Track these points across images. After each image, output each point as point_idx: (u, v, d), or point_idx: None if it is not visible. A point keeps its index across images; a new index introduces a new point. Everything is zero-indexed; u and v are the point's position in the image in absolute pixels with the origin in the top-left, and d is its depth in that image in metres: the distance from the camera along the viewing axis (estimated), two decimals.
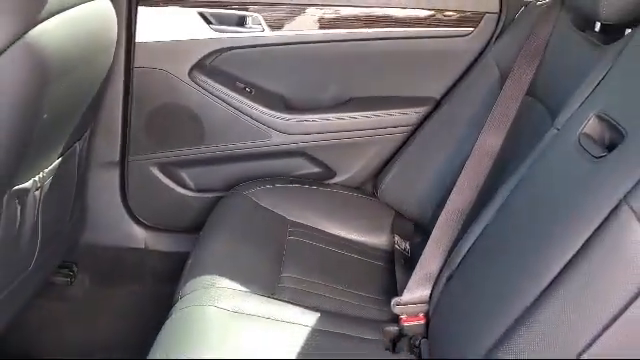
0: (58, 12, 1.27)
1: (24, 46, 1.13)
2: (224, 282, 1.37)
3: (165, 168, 1.97)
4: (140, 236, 2.01)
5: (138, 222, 2.00)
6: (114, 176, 1.94)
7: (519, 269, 0.99)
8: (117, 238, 2.00)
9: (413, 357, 1.24)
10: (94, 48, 1.52)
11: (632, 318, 0.80)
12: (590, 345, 0.82)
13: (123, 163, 1.94)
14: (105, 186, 1.95)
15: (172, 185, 1.98)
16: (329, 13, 1.88)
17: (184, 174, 1.99)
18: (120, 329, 1.78)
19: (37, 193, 1.43)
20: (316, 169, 1.98)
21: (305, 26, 1.88)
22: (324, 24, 1.89)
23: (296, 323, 1.28)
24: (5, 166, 1.21)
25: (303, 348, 1.21)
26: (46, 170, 1.45)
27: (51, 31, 1.22)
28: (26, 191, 1.36)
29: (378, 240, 1.72)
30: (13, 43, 1.12)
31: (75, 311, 1.89)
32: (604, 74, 1.11)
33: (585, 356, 0.82)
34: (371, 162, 1.95)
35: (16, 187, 1.31)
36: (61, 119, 1.43)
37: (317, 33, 1.88)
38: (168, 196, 1.99)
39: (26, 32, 1.14)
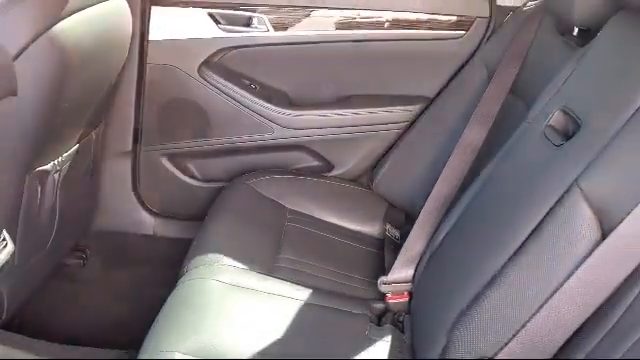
0: (78, 10, 1.39)
1: (48, 41, 1.25)
2: (225, 260, 1.48)
3: (173, 159, 2.08)
4: (149, 223, 2.13)
5: (147, 209, 2.11)
6: (126, 165, 2.05)
7: (487, 245, 1.10)
8: (127, 224, 2.12)
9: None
10: (110, 44, 1.64)
11: (577, 280, 0.90)
12: (546, 301, 0.93)
13: (134, 153, 2.05)
14: (117, 174, 2.06)
15: (180, 175, 2.09)
16: (330, 16, 1.98)
17: (191, 165, 2.10)
18: (129, 309, 1.85)
19: (56, 176, 1.55)
20: (315, 162, 2.08)
21: (307, 27, 1.98)
22: (325, 26, 1.99)
23: (290, 297, 1.39)
24: (29, 149, 1.32)
25: (295, 319, 1.32)
26: (64, 155, 1.56)
27: (72, 28, 1.34)
28: (46, 173, 1.48)
29: (370, 228, 1.82)
30: (38, 38, 1.23)
31: (87, 292, 1.98)
32: (570, 73, 1.22)
33: (543, 311, 0.92)
34: (367, 156, 2.05)
35: (38, 169, 1.43)
36: (79, 109, 1.55)
37: (318, 34, 1.98)
38: (176, 185, 2.09)
39: (50, 28, 1.26)
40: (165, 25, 1.92)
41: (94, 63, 1.52)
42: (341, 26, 1.99)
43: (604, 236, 0.90)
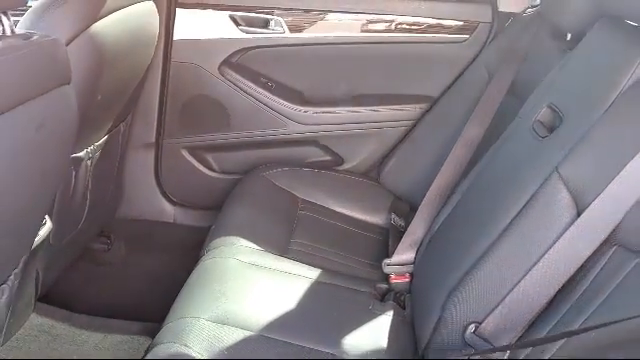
0: (114, 11, 1.52)
1: (88, 37, 1.38)
2: (243, 242, 1.61)
3: (194, 151, 2.20)
4: (170, 211, 2.25)
5: (168, 199, 2.24)
6: (149, 157, 2.18)
7: (478, 227, 1.23)
8: (149, 212, 2.24)
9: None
10: (139, 43, 1.77)
11: (554, 253, 1.03)
12: (527, 273, 1.05)
13: (158, 145, 2.17)
14: (141, 165, 2.18)
15: (199, 166, 2.21)
16: (342, 19, 2.12)
17: (210, 157, 2.22)
18: (151, 289, 1.98)
19: (88, 163, 1.68)
20: (326, 157, 2.20)
21: (321, 30, 2.12)
22: (338, 28, 2.13)
23: (302, 276, 1.52)
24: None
25: (306, 294, 1.45)
26: (96, 144, 1.70)
27: (108, 26, 1.47)
28: (80, 159, 1.61)
29: (377, 218, 1.94)
30: (80, 34, 1.36)
31: (111, 274, 2.12)
32: (557, 73, 1.35)
33: (524, 282, 1.05)
34: (375, 151, 2.17)
35: (73, 155, 1.56)
36: (111, 101, 1.68)
37: (331, 36, 2.11)
38: (195, 176, 2.22)
39: (89, 26, 1.40)
40: (188, 26, 2.05)
41: (126, 59, 1.66)
42: (352, 29, 2.12)
43: (579, 214, 1.02)
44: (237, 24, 2.08)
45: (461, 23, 2.08)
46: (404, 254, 1.59)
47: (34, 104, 0.84)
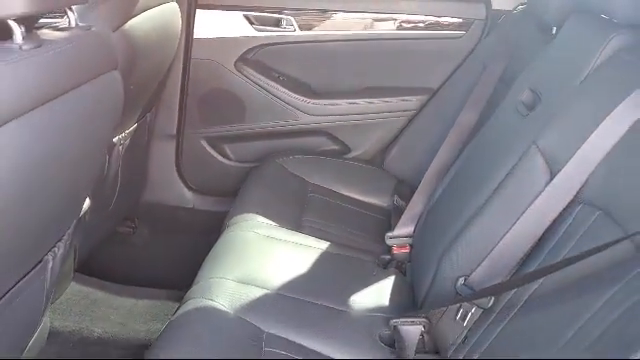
0: (144, 10, 1.70)
1: (124, 32, 1.55)
2: (260, 219, 1.78)
3: (212, 141, 2.37)
4: (189, 197, 2.41)
5: (188, 186, 2.39)
6: (171, 147, 2.34)
7: (469, 195, 1.40)
8: (171, 198, 2.40)
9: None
10: (164, 40, 1.95)
11: (531, 212, 1.20)
12: (508, 231, 1.22)
13: (179, 136, 2.33)
14: (163, 155, 2.34)
15: (217, 156, 2.38)
16: (349, 18, 2.27)
17: (226, 147, 2.38)
18: (173, 266, 2.15)
19: (120, 148, 1.85)
20: (334, 146, 2.36)
21: (329, 28, 2.27)
22: (344, 26, 2.28)
23: (313, 247, 1.69)
24: None
25: (316, 262, 1.62)
26: (126, 132, 1.87)
27: (139, 24, 1.64)
28: (113, 145, 1.78)
29: (381, 200, 2.09)
30: (118, 29, 1.53)
31: (136, 253, 2.28)
32: (538, 60, 1.52)
33: (506, 238, 1.21)
34: (380, 140, 2.33)
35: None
36: (140, 92, 1.85)
37: (338, 33, 2.27)
38: (213, 165, 2.38)
39: (124, 23, 1.57)
40: (207, 25, 2.22)
41: (153, 55, 1.83)
42: (358, 27, 2.27)
43: (552, 178, 1.19)
44: (251, 23, 2.23)
45: (458, 20, 2.23)
46: (405, 228, 1.75)
47: (90, 85, 1.01)
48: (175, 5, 1.98)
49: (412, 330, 1.35)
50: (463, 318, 1.25)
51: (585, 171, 1.13)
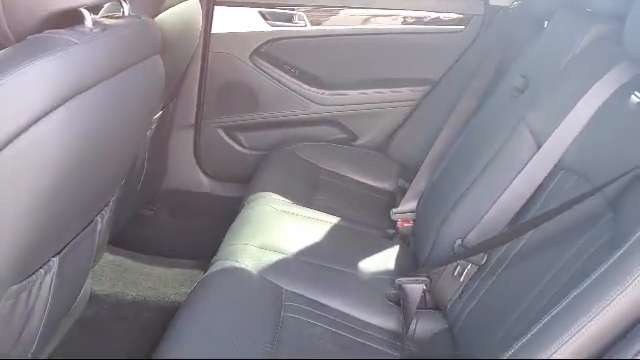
0: (170, 7, 1.87)
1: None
2: (275, 196, 1.95)
3: (228, 130, 2.52)
4: (206, 183, 2.58)
5: (205, 172, 2.56)
6: (189, 136, 2.51)
7: (465, 168, 1.57)
8: (189, 184, 2.57)
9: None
10: (187, 34, 2.11)
11: (519, 180, 1.36)
12: (500, 196, 1.38)
13: (197, 126, 2.49)
14: (182, 143, 2.51)
15: (232, 144, 2.53)
16: (356, 14, 2.42)
17: (241, 135, 2.54)
18: (193, 244, 2.30)
19: (148, 133, 2.02)
20: (342, 134, 2.51)
21: (337, 23, 2.42)
22: (352, 22, 2.42)
23: (324, 221, 1.85)
24: None
25: (327, 233, 1.78)
26: (153, 118, 2.04)
27: (166, 18, 1.81)
28: None
29: (386, 184, 2.25)
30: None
31: (158, 234, 2.42)
32: (529, 50, 1.69)
33: (497, 203, 1.38)
34: (385, 128, 2.48)
35: None
36: (165, 82, 2.02)
37: (346, 28, 2.42)
38: (228, 152, 2.54)
39: (156, 16, 1.73)
40: (224, 21, 2.37)
41: (177, 48, 1.99)
42: (364, 22, 2.42)
43: (538, 149, 1.35)
44: (265, 19, 2.39)
45: (458, 16, 2.38)
46: (408, 204, 1.92)
47: (142, 65, 1.17)
48: (197, 2, 2.14)
49: (415, 288, 1.51)
50: (460, 275, 1.42)
51: (565, 142, 1.29)
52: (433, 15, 2.41)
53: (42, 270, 1.12)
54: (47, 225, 1.03)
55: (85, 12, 1.01)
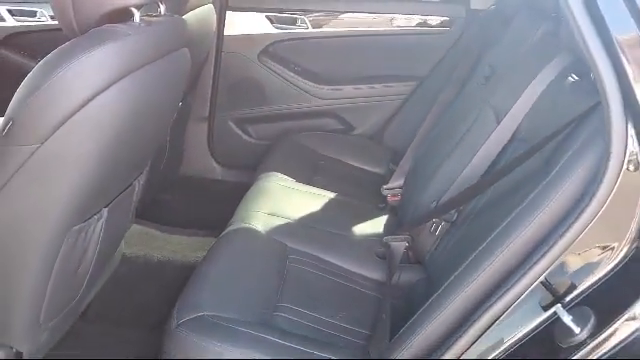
0: (189, 11, 2.16)
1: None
2: (281, 175, 2.22)
3: (238, 122, 2.80)
4: (217, 170, 2.85)
5: (216, 160, 2.84)
6: (203, 127, 2.78)
7: (441, 147, 1.86)
8: (202, 171, 2.84)
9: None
10: (202, 36, 2.40)
11: (483, 151, 1.64)
12: (468, 164, 1.66)
13: (210, 118, 2.77)
14: (196, 134, 2.78)
15: (241, 134, 2.81)
16: (352, 17, 2.71)
17: (250, 127, 2.82)
18: (208, 222, 2.44)
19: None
20: (340, 125, 2.79)
21: (336, 26, 2.72)
22: (349, 24, 2.72)
23: (322, 195, 2.13)
24: None
25: (326, 204, 2.07)
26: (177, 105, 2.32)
27: (189, 19, 2.10)
28: None
29: (379, 169, 2.52)
30: None
31: (174, 215, 2.65)
32: (496, 44, 1.98)
33: (465, 170, 1.66)
34: (379, 119, 2.76)
35: None
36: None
37: (344, 30, 2.71)
38: (238, 142, 2.81)
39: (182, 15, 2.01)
40: (235, 24, 2.67)
41: (194, 47, 2.24)
42: (360, 25, 2.71)
43: (497, 125, 1.63)
44: (272, 22, 2.68)
45: (443, 18, 2.67)
46: (396, 181, 2.20)
47: (176, 53, 1.46)
48: (211, 7, 2.43)
49: (398, 245, 1.80)
50: (435, 231, 1.70)
51: (519, 117, 1.58)
52: (421, 18, 2.69)
53: (96, 217, 1.41)
54: (103, 179, 1.32)
55: (134, 10, 1.30)
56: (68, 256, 1.34)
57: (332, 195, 2.16)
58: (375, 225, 1.99)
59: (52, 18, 2.57)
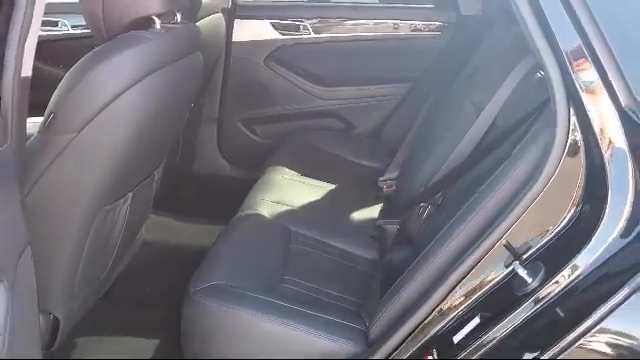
0: (201, 19, 2.36)
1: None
2: (286, 169, 2.42)
3: (245, 123, 3.00)
4: (226, 168, 3.04)
5: (226, 158, 3.03)
6: (213, 128, 2.98)
7: (428, 139, 2.05)
8: (212, 168, 3.03)
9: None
10: (212, 42, 2.60)
11: (466, 140, 1.84)
12: (449, 155, 1.86)
13: (219, 119, 2.96)
14: (207, 134, 2.98)
15: (249, 134, 3.01)
16: (352, 24, 2.91)
17: (257, 127, 3.02)
18: (218, 212, 2.64)
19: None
20: (342, 124, 2.99)
21: (336, 31, 2.91)
22: (349, 30, 2.91)
23: (324, 187, 2.33)
24: None
25: (326, 195, 2.27)
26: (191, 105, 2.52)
27: (202, 26, 2.29)
28: None
29: (378, 164, 2.67)
30: None
31: (187, 208, 2.87)
32: (480, 46, 2.18)
33: (453, 154, 1.85)
34: (377, 118, 2.95)
35: None
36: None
37: (344, 36, 2.90)
38: (246, 141, 3.01)
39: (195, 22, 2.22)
40: (243, 31, 2.88)
41: (207, 51, 2.46)
42: (359, 30, 2.90)
43: (477, 117, 1.82)
44: (276, 29, 2.88)
45: (435, 24, 2.87)
46: (391, 173, 2.39)
47: (191, 56, 1.67)
48: (221, 15, 2.65)
49: (391, 228, 1.99)
50: (423, 214, 1.89)
51: (496, 109, 1.77)
52: (415, 24, 2.89)
53: (122, 200, 1.61)
54: (128, 165, 1.52)
55: (155, 18, 1.50)
56: (98, 233, 1.54)
57: (332, 186, 2.35)
58: (371, 212, 2.18)
59: (72, 28, 2.81)
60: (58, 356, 1.72)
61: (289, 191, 2.23)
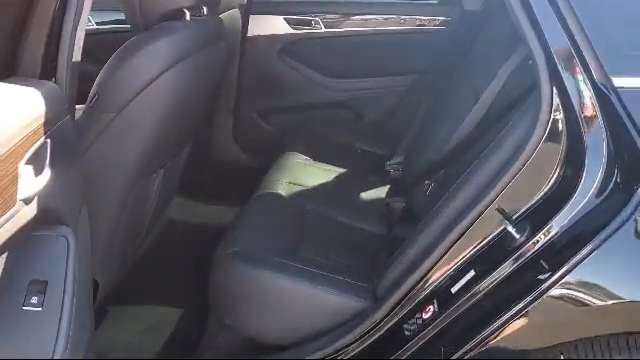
0: (223, 12, 2.53)
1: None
2: (299, 154, 2.59)
3: (260, 113, 3.14)
4: (240, 156, 3.18)
5: (240, 147, 3.17)
6: (229, 118, 3.13)
7: (432, 125, 2.22)
8: (227, 156, 3.18)
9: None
10: (231, 35, 2.77)
11: (465, 123, 2.00)
12: (450, 138, 2.03)
13: (236, 110, 3.12)
14: (223, 124, 3.13)
15: (263, 124, 3.16)
16: (361, 18, 3.05)
17: (271, 117, 3.16)
18: (233, 196, 2.74)
19: None
20: (351, 114, 3.16)
21: (346, 26, 3.05)
22: (358, 25, 3.04)
23: (335, 171, 2.50)
24: None
25: (337, 177, 2.44)
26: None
27: (224, 18, 2.46)
28: None
29: (385, 151, 2.83)
30: None
31: (204, 194, 3.01)
32: (479, 39, 2.35)
33: (450, 141, 2.02)
34: (384, 108, 3.11)
35: None
36: None
37: (353, 30, 3.04)
38: (260, 131, 3.16)
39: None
40: (257, 26, 3.03)
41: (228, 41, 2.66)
42: (368, 25, 3.04)
43: (475, 103, 1.99)
44: (289, 24, 3.02)
45: (440, 18, 3.01)
46: (398, 157, 2.56)
47: (217, 45, 1.84)
48: (237, 11, 2.82)
49: (397, 205, 2.16)
50: (427, 192, 2.06)
51: (492, 95, 1.94)
52: (422, 18, 3.03)
53: (154, 175, 1.79)
54: (160, 142, 1.70)
55: (185, 10, 1.69)
56: (135, 204, 1.72)
57: (343, 170, 2.52)
58: (379, 192, 2.36)
59: (97, 24, 2.98)
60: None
61: (303, 173, 2.40)
